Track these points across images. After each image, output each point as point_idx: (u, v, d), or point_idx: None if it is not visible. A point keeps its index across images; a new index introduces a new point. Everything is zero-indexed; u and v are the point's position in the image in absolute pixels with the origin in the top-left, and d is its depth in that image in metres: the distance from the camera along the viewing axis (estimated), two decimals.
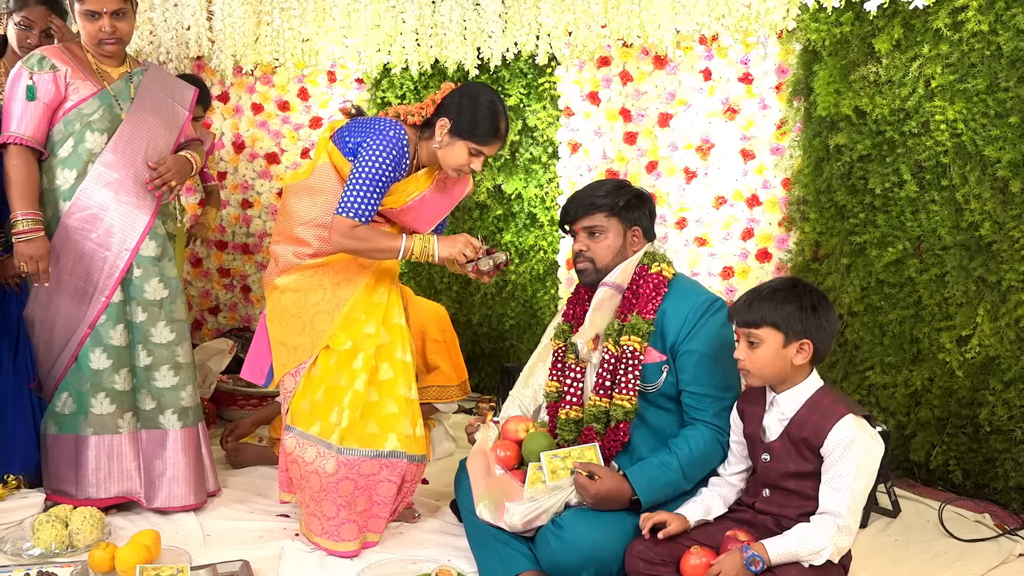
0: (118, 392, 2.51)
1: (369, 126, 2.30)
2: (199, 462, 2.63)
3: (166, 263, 2.58)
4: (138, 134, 2.54)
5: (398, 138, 2.26)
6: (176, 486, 2.56)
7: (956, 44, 2.60)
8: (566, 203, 2.30)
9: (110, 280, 2.49)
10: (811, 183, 3.02)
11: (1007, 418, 2.63)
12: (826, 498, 1.85)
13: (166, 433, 2.58)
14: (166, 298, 2.56)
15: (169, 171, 2.55)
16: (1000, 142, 2.55)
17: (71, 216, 2.48)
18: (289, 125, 4.04)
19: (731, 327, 2.01)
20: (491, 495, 2.14)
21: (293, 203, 2.41)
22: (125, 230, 2.50)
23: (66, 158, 2.48)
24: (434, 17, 3.49)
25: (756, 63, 3.17)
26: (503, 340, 3.87)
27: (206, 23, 3.57)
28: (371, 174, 2.23)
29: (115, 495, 2.53)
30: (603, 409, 2.16)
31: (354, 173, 2.25)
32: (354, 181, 2.24)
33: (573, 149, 3.54)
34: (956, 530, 2.47)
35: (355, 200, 2.23)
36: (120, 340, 2.51)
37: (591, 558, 1.98)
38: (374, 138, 2.25)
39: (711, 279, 3.31)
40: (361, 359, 2.34)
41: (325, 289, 2.38)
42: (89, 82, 2.50)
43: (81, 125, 2.48)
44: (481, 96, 2.29)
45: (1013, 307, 2.58)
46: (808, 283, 1.98)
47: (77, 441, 2.51)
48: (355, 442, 2.29)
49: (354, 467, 2.28)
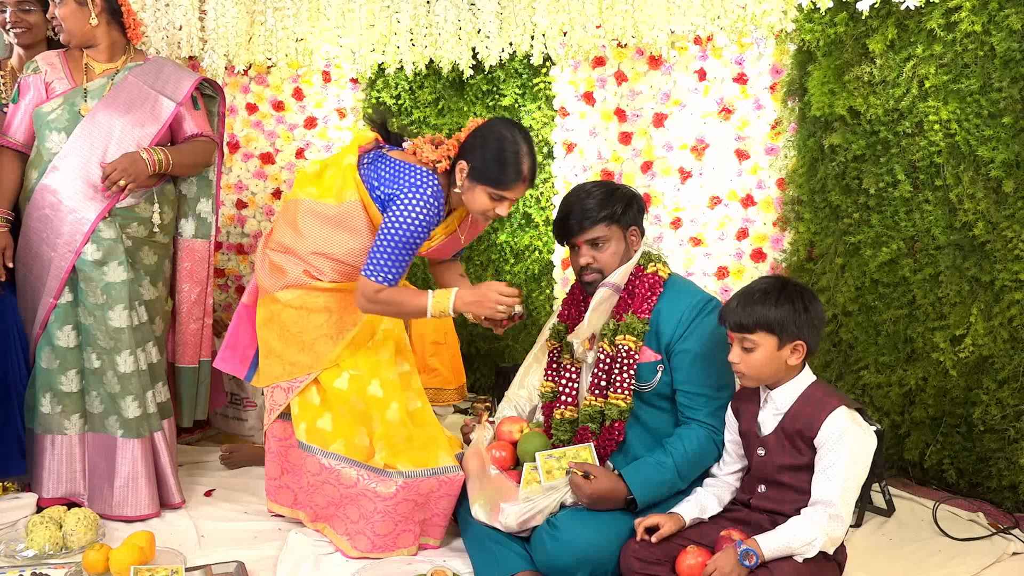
0: (64, 393, 2.50)
1: (402, 177, 2.16)
2: (150, 473, 2.52)
3: (112, 267, 2.48)
4: (96, 131, 2.50)
5: (435, 196, 2.12)
6: (115, 493, 2.49)
7: (950, 45, 2.61)
8: (562, 218, 2.24)
9: (55, 282, 2.48)
10: (805, 183, 3.03)
11: (1000, 417, 2.64)
12: (818, 487, 1.86)
13: (114, 440, 2.51)
14: (104, 304, 2.48)
15: (115, 170, 2.45)
16: (993, 142, 2.56)
17: (30, 216, 2.51)
18: (284, 125, 4.03)
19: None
20: (486, 495, 2.14)
21: (309, 225, 2.28)
22: (71, 232, 2.47)
23: (32, 158, 2.53)
24: (429, 17, 3.49)
25: (751, 63, 3.18)
26: (498, 340, 3.87)
27: (198, 23, 3.56)
28: (403, 237, 2.10)
29: (60, 495, 2.52)
30: (598, 409, 2.16)
31: (386, 232, 2.11)
32: (385, 242, 2.11)
33: (568, 149, 3.54)
34: (950, 529, 2.48)
35: (384, 264, 2.12)
36: (68, 341, 2.49)
37: (586, 558, 1.98)
38: (408, 195, 2.11)
39: (706, 279, 3.32)
40: (377, 384, 2.29)
41: (331, 312, 2.30)
42: (66, 80, 2.52)
43: (41, 125, 2.50)
44: (501, 136, 2.14)
45: (1006, 307, 2.59)
46: (796, 281, 2.00)
47: (32, 437, 2.53)
48: (409, 463, 2.24)
49: (413, 488, 2.21)
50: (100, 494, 2.51)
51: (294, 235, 2.34)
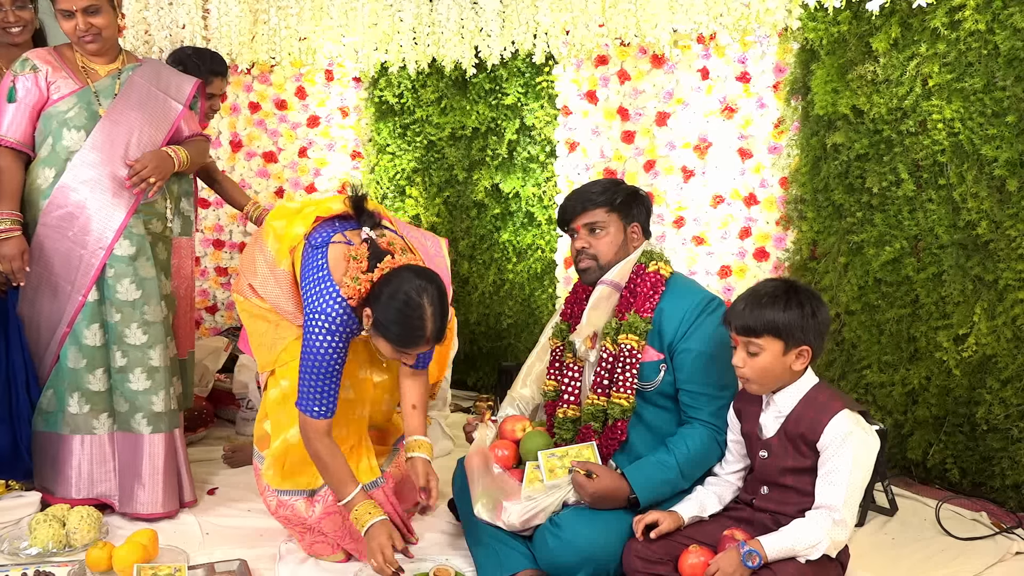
0: (92, 392, 2.50)
1: (313, 295, 2.07)
2: (172, 470, 2.55)
3: (142, 263, 2.51)
4: (118, 130, 2.51)
5: (340, 317, 2.04)
6: (143, 493, 2.50)
7: (953, 43, 2.60)
8: (564, 202, 2.29)
9: (85, 279, 2.48)
10: (808, 182, 3.02)
11: (1004, 416, 2.63)
12: (822, 492, 1.86)
13: (140, 437, 2.52)
14: (138, 299, 2.50)
15: (145, 167, 2.48)
16: (997, 141, 2.56)
17: (49, 215, 2.48)
18: (287, 124, 4.04)
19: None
20: (489, 494, 2.14)
21: (259, 261, 2.28)
22: (100, 229, 2.48)
23: (46, 157, 2.50)
24: (431, 16, 3.49)
25: (754, 62, 3.18)
26: (501, 339, 3.87)
27: (201, 22, 3.56)
28: (317, 365, 2.05)
29: (89, 496, 2.52)
30: (601, 408, 2.16)
31: (303, 362, 2.08)
32: (304, 373, 2.07)
33: (571, 148, 3.54)
34: (953, 528, 2.47)
35: (310, 395, 2.07)
36: (95, 340, 2.49)
37: (589, 557, 1.98)
38: (314, 321, 2.05)
39: (709, 278, 3.32)
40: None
41: (269, 323, 2.32)
42: (71, 80, 2.51)
43: (57, 123, 2.48)
44: (407, 298, 1.96)
45: (1010, 306, 2.59)
46: (802, 285, 1.97)
47: (57, 439, 2.52)
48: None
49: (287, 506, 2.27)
50: (130, 494, 2.52)
51: (248, 258, 2.36)
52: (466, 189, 3.81)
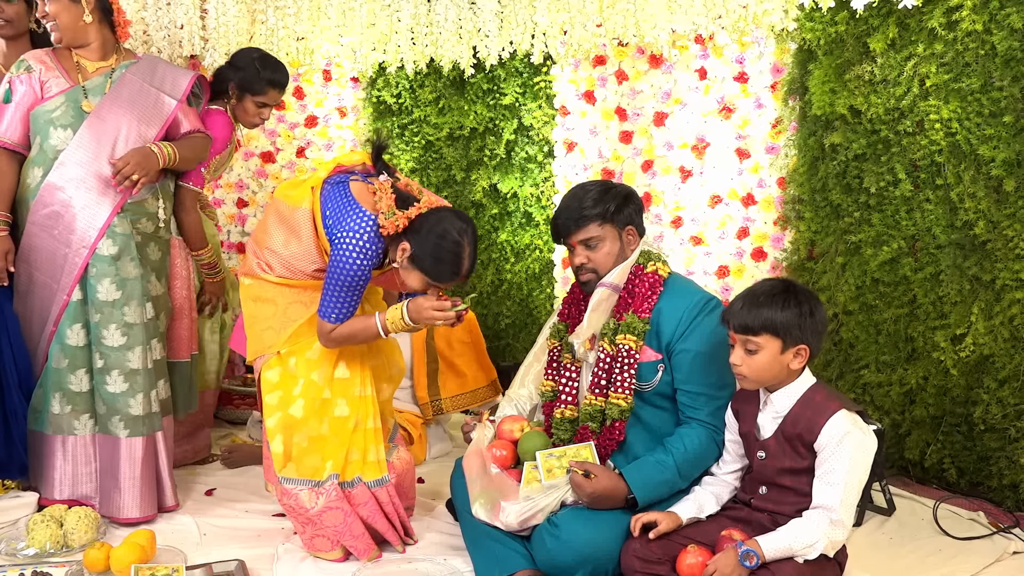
0: (74, 393, 2.50)
1: (344, 219, 2.18)
2: (149, 475, 2.52)
3: (125, 263, 2.50)
4: (105, 128, 2.50)
5: (371, 242, 2.15)
6: (119, 496, 2.48)
7: (950, 43, 2.61)
8: (556, 217, 2.25)
9: (69, 278, 2.48)
10: (806, 182, 3.03)
11: (1001, 416, 2.63)
12: (819, 492, 1.86)
13: (118, 440, 2.50)
14: (118, 300, 2.48)
15: (128, 164, 2.46)
16: (994, 141, 2.56)
17: (36, 213, 2.49)
18: (284, 124, 4.03)
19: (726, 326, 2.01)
20: (487, 494, 2.14)
21: (273, 224, 2.35)
22: (85, 227, 2.47)
23: (35, 156, 2.51)
24: (429, 16, 3.49)
25: (751, 62, 3.18)
26: (499, 339, 3.87)
27: (199, 21, 3.56)
28: (345, 279, 2.16)
29: (71, 497, 2.52)
30: (599, 408, 2.16)
31: (329, 275, 2.19)
32: (330, 285, 2.19)
33: (569, 148, 3.54)
34: (951, 528, 2.48)
35: (332, 305, 2.19)
36: (77, 340, 2.49)
37: (587, 557, 1.99)
38: (346, 239, 2.15)
39: (706, 278, 3.32)
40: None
41: (277, 305, 2.35)
42: (63, 79, 2.52)
43: (45, 122, 2.49)
44: (446, 233, 2.12)
45: (1007, 306, 2.59)
46: (800, 285, 1.98)
47: (42, 438, 2.52)
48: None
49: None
50: (108, 496, 2.51)
51: (262, 229, 2.40)
52: (464, 189, 3.81)
